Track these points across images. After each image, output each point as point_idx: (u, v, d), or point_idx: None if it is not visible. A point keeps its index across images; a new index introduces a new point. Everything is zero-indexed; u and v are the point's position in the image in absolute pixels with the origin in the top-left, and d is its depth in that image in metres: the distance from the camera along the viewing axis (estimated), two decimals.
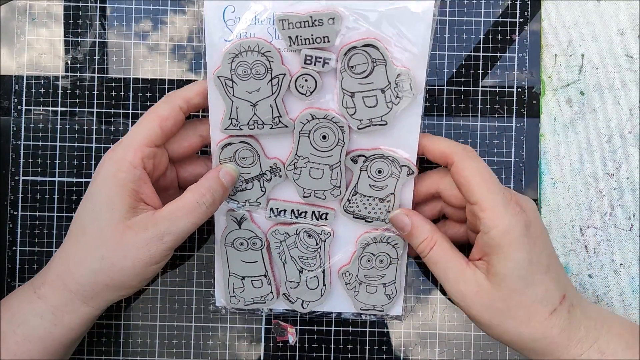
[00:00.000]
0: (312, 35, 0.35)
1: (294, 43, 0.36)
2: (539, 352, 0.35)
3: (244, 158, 0.38)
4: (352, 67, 0.36)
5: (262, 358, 0.43)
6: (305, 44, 0.36)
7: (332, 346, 0.43)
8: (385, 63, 0.36)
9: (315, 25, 0.35)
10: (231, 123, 0.37)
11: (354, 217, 0.40)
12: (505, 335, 0.35)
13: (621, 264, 0.43)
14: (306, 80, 0.36)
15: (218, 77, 0.37)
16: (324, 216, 0.40)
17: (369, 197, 0.39)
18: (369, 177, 0.39)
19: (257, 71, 0.36)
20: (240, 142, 0.38)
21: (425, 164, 0.42)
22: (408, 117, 0.38)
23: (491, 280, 0.35)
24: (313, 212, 0.40)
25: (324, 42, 0.36)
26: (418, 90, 0.37)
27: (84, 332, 0.38)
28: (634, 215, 0.43)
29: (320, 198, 0.39)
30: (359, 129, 0.38)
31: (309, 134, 0.38)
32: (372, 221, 0.40)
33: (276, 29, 0.36)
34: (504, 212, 0.34)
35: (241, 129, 0.38)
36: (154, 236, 0.34)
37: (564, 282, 0.36)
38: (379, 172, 0.39)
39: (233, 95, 0.37)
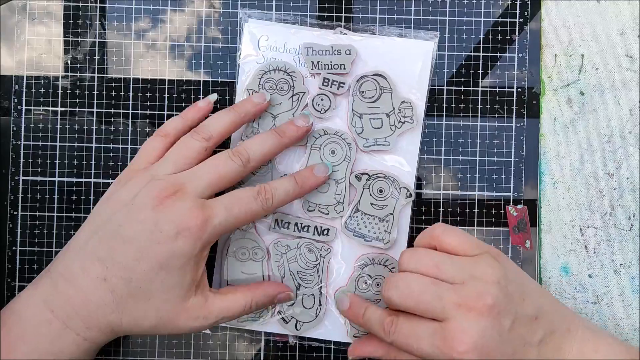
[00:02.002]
0: (330, 62, 0.42)
1: (315, 67, 0.42)
2: None
3: (259, 167, 0.41)
4: (363, 92, 0.42)
5: (262, 358, 0.43)
6: (325, 69, 0.42)
7: (332, 347, 0.43)
8: (391, 91, 0.42)
9: (335, 54, 0.42)
10: (252, 131, 0.42)
11: (354, 235, 0.41)
12: None
13: (621, 264, 0.43)
14: (322, 100, 0.42)
15: (247, 89, 0.42)
16: (325, 232, 0.42)
17: (370, 215, 0.41)
18: (370, 195, 0.41)
19: (281, 87, 0.42)
20: None
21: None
22: (408, 143, 0.42)
23: None
24: (315, 227, 0.42)
25: (341, 68, 0.42)
26: (418, 119, 0.41)
27: None
28: (634, 216, 0.43)
29: (324, 213, 0.41)
30: (364, 147, 0.41)
31: (320, 148, 0.42)
32: (370, 240, 0.41)
33: (300, 57, 0.42)
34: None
35: None
36: (201, 326, 0.37)
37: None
38: (380, 191, 0.41)
39: None
